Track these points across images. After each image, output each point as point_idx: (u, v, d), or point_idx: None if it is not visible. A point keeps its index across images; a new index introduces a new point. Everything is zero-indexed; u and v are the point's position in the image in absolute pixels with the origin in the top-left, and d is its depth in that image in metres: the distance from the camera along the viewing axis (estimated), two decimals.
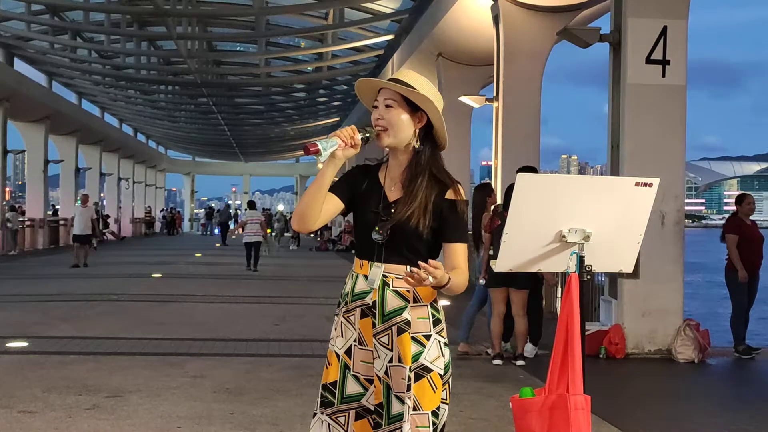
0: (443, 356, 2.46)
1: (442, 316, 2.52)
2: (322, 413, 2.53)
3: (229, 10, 21.02)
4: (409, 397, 2.40)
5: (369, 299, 2.47)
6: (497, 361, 7.29)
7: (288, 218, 40.86)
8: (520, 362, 7.24)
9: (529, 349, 7.54)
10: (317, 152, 2.34)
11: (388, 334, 2.45)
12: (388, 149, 2.54)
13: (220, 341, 8.17)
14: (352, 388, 2.48)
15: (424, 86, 2.49)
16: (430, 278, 2.28)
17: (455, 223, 2.47)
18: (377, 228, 2.45)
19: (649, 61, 7.99)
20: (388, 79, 2.51)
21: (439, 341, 2.47)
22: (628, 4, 8.05)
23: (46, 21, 21.15)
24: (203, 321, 9.78)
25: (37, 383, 5.99)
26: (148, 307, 11.01)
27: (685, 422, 5.57)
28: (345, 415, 2.49)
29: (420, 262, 2.29)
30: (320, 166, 2.42)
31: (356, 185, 2.55)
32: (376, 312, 2.46)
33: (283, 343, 8.15)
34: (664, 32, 7.92)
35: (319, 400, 2.55)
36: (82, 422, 4.97)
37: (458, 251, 2.48)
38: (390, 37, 19.46)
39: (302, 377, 6.34)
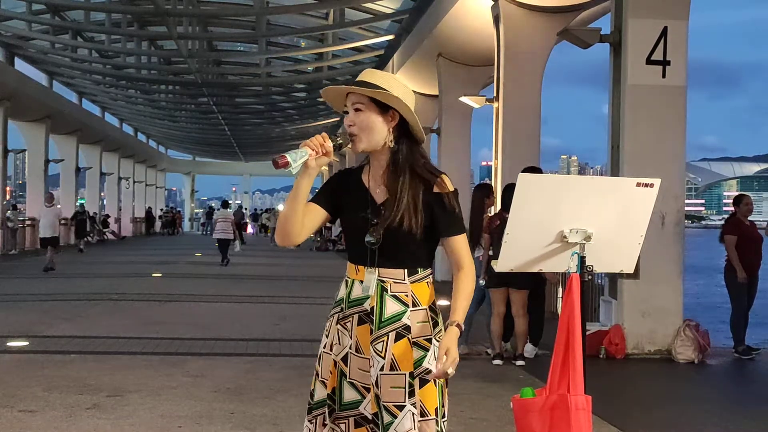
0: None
1: (440, 319, 2.47)
2: (310, 421, 2.48)
3: (230, 10, 21.01)
4: (414, 404, 2.36)
5: (367, 305, 2.41)
6: (497, 362, 7.29)
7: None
8: (520, 362, 7.24)
9: (529, 349, 7.54)
10: (286, 165, 2.27)
11: (383, 341, 2.39)
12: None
13: (221, 341, 8.18)
14: (350, 395, 2.43)
15: (392, 83, 2.43)
16: (451, 369, 2.30)
17: (448, 216, 2.42)
18: (371, 231, 2.39)
19: (649, 61, 7.99)
20: (354, 82, 2.45)
21: (437, 342, 2.43)
22: (628, 5, 8.05)
23: (46, 21, 21.14)
24: (204, 320, 9.79)
25: (37, 382, 6.00)
26: (149, 307, 11.02)
27: (684, 423, 5.58)
28: (345, 422, 2.45)
29: (436, 370, 2.30)
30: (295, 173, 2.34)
31: (339, 191, 2.49)
32: (374, 318, 2.40)
33: (284, 342, 8.16)
34: (664, 33, 7.93)
35: (307, 407, 2.51)
36: (83, 421, 4.98)
37: (459, 244, 2.43)
38: (390, 37, 19.45)
39: (303, 377, 6.34)
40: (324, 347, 2.49)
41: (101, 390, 5.79)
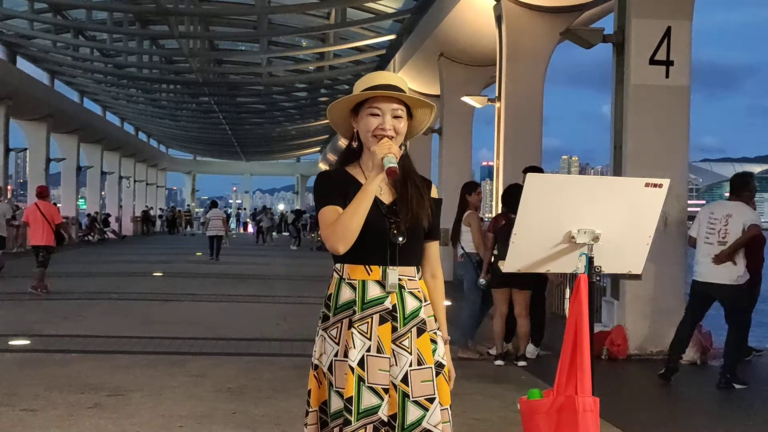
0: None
1: None
2: None
3: (231, 9, 21.01)
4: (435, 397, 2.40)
5: (388, 303, 2.41)
6: (499, 362, 7.28)
7: (274, 217, 41.11)
8: (522, 363, 7.23)
9: (531, 350, 7.53)
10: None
11: (409, 337, 2.41)
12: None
13: (222, 340, 8.17)
14: (369, 400, 2.36)
15: (405, 87, 2.50)
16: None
17: (437, 221, 2.54)
18: (398, 230, 2.41)
19: (652, 61, 7.97)
20: (389, 86, 2.45)
21: (441, 336, 2.51)
22: (632, 5, 8.03)
23: (48, 19, 21.14)
24: (204, 320, 9.77)
25: (38, 381, 5.99)
26: (149, 306, 11.01)
27: (686, 424, 5.57)
28: (362, 431, 2.37)
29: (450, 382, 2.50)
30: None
31: (343, 192, 2.46)
32: (398, 315, 2.41)
33: (285, 342, 8.15)
34: (668, 33, 7.91)
35: (319, 423, 2.45)
36: (84, 421, 4.96)
37: (437, 250, 2.58)
38: (392, 36, 19.43)
39: (304, 377, 6.26)
40: (335, 355, 2.43)
41: (102, 389, 5.78)
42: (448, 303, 2.55)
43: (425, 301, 2.48)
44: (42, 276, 12.19)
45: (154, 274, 16.21)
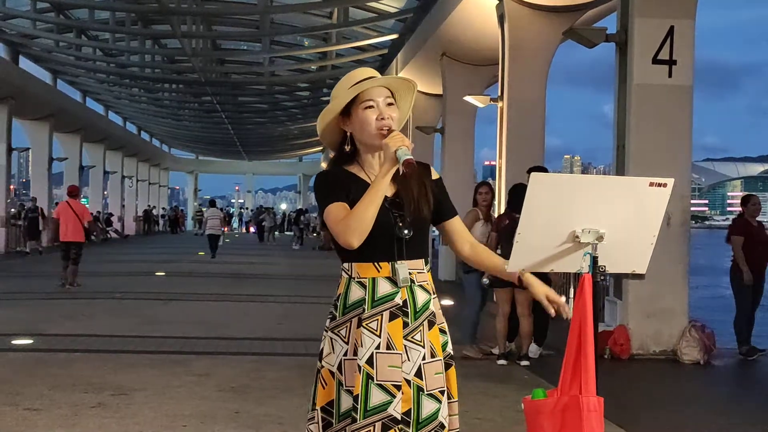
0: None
1: None
2: None
3: (234, 8, 21.00)
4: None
5: (398, 299, 2.40)
6: (502, 362, 7.28)
7: (276, 217, 41.06)
8: (524, 362, 7.23)
9: (534, 350, 7.53)
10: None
11: (421, 330, 2.41)
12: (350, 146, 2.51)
13: (225, 340, 8.18)
14: (378, 397, 2.34)
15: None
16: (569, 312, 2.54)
17: (447, 199, 2.57)
18: (404, 224, 2.41)
19: (655, 61, 7.96)
20: (370, 80, 2.47)
21: (447, 330, 2.53)
22: (634, 4, 8.02)
23: (51, 19, 21.15)
24: (207, 319, 9.78)
25: (42, 381, 6.00)
26: (153, 306, 11.02)
27: (688, 424, 5.56)
28: (369, 430, 2.33)
29: (559, 306, 2.49)
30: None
31: (346, 188, 2.44)
32: (409, 310, 2.41)
33: (288, 342, 8.16)
34: (671, 32, 7.90)
35: (321, 423, 2.43)
36: (88, 420, 4.97)
37: (460, 223, 2.60)
38: (394, 36, 19.42)
39: (307, 376, 6.31)
40: (345, 355, 2.41)
41: (106, 389, 5.79)
42: (450, 302, 2.54)
43: (434, 293, 2.48)
44: (75, 272, 12.87)
45: (157, 273, 16.23)
